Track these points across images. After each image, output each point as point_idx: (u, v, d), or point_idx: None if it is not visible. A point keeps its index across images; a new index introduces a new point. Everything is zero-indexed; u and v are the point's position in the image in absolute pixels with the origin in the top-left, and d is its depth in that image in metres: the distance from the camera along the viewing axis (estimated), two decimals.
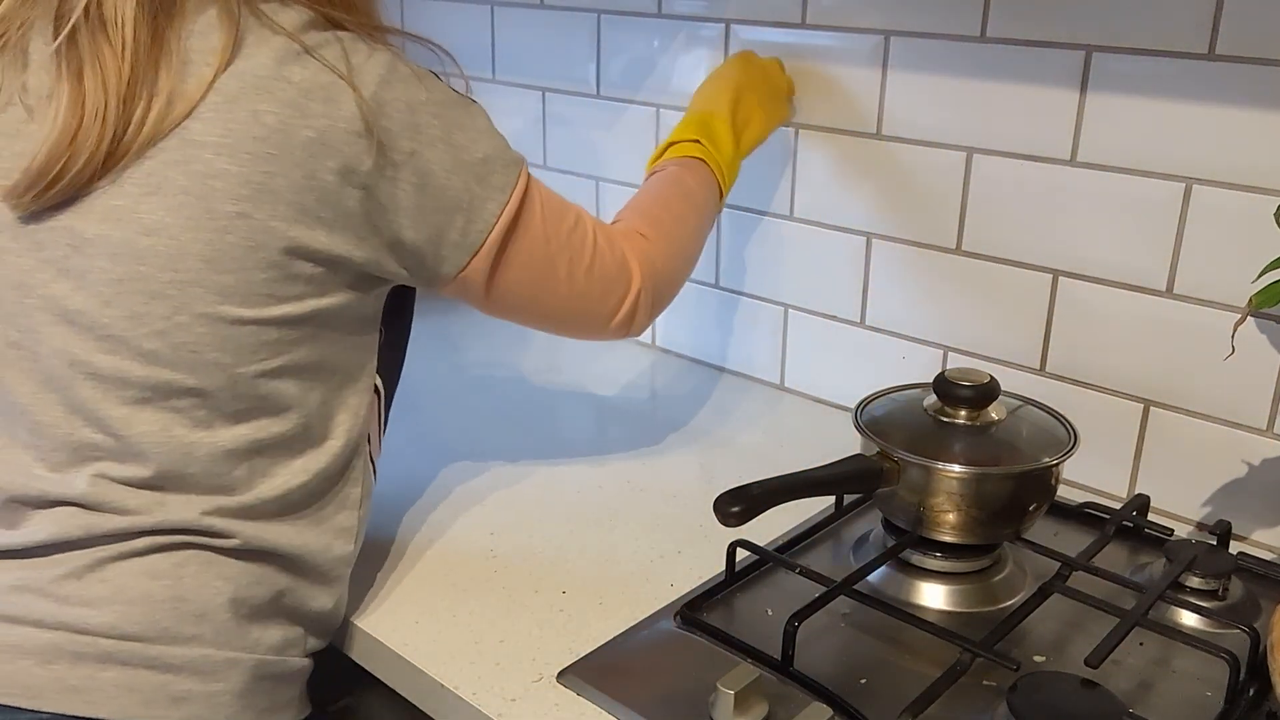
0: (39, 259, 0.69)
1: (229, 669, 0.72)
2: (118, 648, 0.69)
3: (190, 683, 0.71)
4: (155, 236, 0.67)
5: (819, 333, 1.24)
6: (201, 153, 0.67)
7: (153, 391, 0.70)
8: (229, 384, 0.71)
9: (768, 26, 1.18)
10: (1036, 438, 0.88)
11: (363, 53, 0.72)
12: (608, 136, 1.38)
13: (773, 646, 0.78)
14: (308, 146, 0.69)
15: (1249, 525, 0.97)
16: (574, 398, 1.26)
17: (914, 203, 1.12)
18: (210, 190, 0.67)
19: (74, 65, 0.67)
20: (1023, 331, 1.07)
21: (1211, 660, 0.75)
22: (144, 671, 0.70)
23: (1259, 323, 0.93)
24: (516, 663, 0.79)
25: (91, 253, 0.68)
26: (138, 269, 0.67)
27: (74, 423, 0.70)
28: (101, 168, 0.67)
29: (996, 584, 0.88)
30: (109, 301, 0.68)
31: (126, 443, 0.70)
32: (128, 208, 0.67)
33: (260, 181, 0.68)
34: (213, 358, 0.70)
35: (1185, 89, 0.92)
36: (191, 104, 0.67)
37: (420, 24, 1.56)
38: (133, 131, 0.67)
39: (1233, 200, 0.92)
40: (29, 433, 0.72)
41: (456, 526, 0.97)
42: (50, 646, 0.68)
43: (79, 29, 0.67)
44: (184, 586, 0.71)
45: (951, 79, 1.06)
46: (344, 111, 0.70)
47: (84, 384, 0.69)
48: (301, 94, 0.69)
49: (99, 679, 0.69)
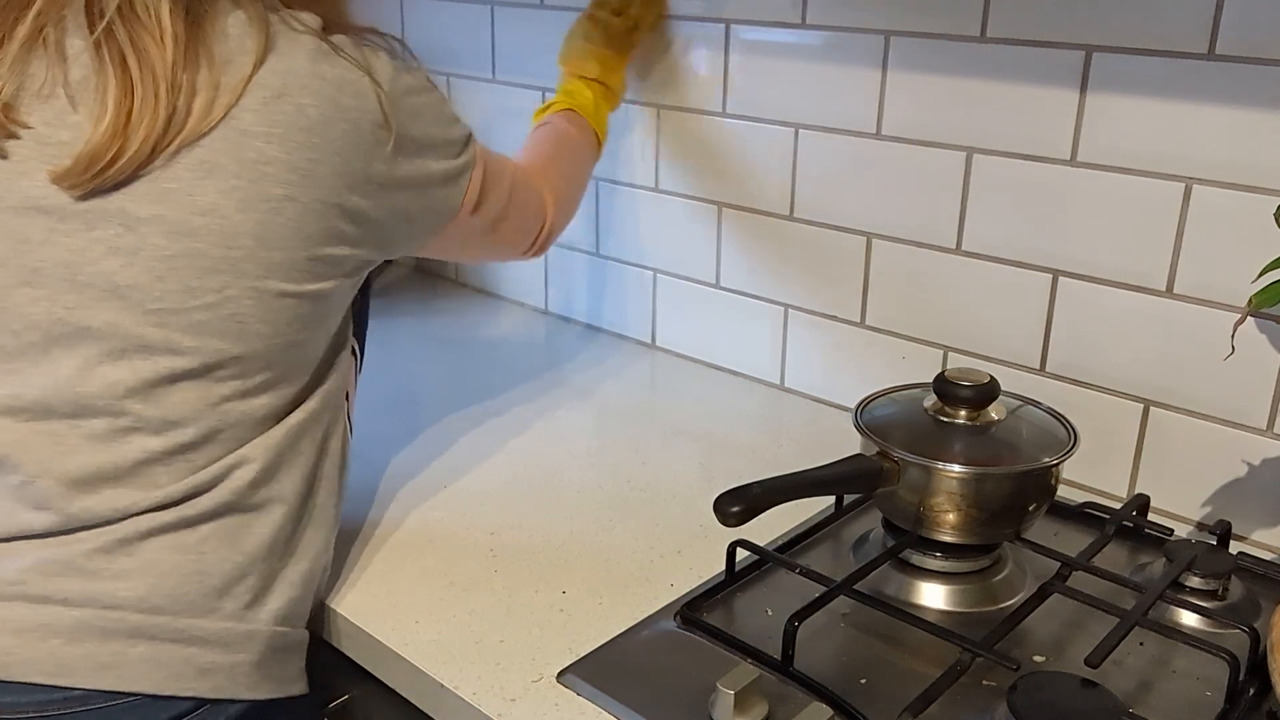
0: (89, 238, 0.72)
1: (248, 640, 0.76)
2: (146, 621, 0.72)
3: (215, 654, 0.74)
4: (209, 216, 0.72)
5: (819, 333, 1.24)
6: (253, 141, 0.72)
7: (199, 362, 0.73)
8: (265, 352, 0.76)
9: (768, 26, 1.18)
10: (1036, 438, 0.88)
11: (368, 51, 0.80)
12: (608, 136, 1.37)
13: (773, 646, 0.78)
14: (345, 136, 0.76)
15: (1249, 525, 0.97)
16: (574, 398, 1.26)
17: (914, 203, 1.12)
18: (262, 175, 0.73)
19: (116, 55, 0.71)
20: (1023, 331, 1.07)
21: (1211, 660, 0.75)
22: (171, 645, 0.72)
23: (1259, 323, 0.93)
24: (516, 663, 0.79)
25: (145, 231, 0.71)
26: (193, 245, 0.72)
27: (117, 393, 0.73)
28: (153, 152, 0.71)
29: (996, 584, 0.88)
30: (162, 276, 0.72)
31: (167, 414, 0.73)
32: (182, 190, 0.71)
33: (306, 168, 0.74)
34: (256, 329, 0.75)
35: (1185, 89, 0.92)
36: (236, 95, 0.72)
37: (420, 24, 1.56)
38: (180, 117, 0.71)
39: (1233, 200, 0.92)
40: (70, 404, 0.73)
41: (456, 526, 0.97)
42: (78, 624, 0.71)
43: (114, 23, 0.71)
44: (206, 561, 0.75)
45: (951, 79, 1.06)
46: (369, 104, 0.77)
47: (136, 356, 0.72)
48: (336, 89, 0.76)
49: (129, 654, 0.71)
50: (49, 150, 0.71)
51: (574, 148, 1.16)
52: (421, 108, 0.82)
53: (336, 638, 0.86)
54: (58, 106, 0.72)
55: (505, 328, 1.49)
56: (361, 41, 0.80)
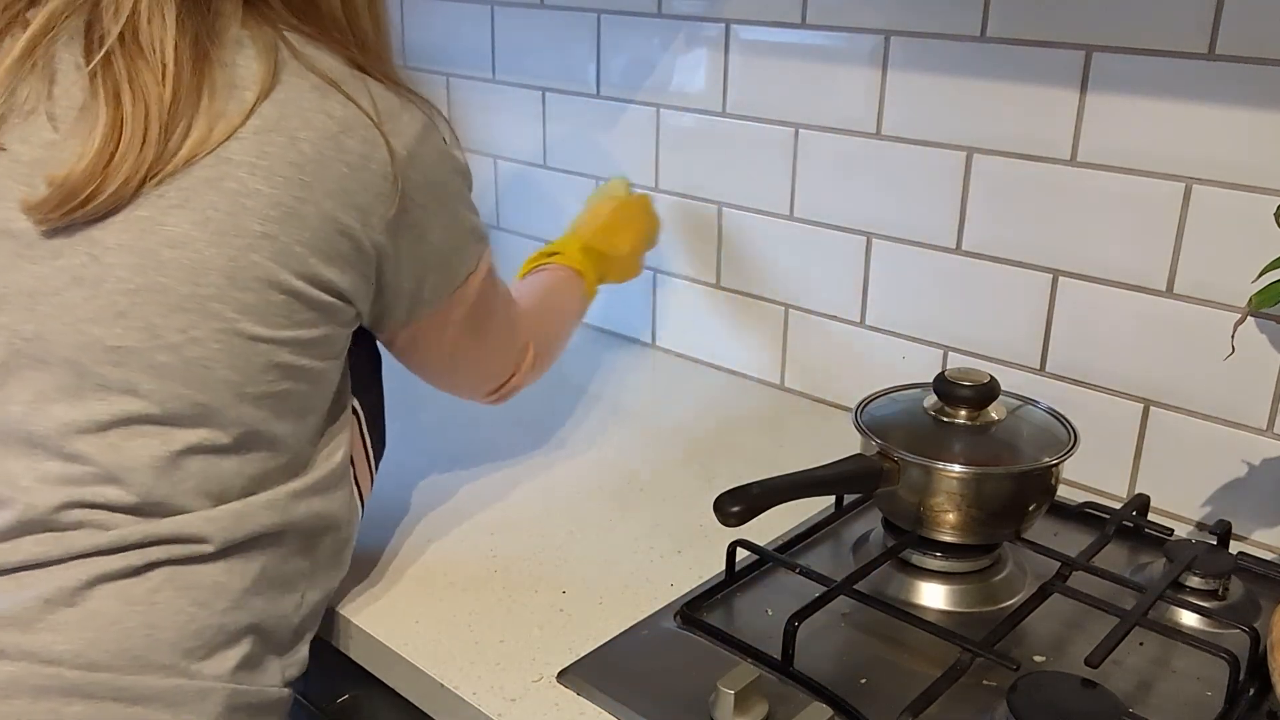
0: (54, 266, 0.67)
1: (201, 699, 0.69)
2: (83, 679, 0.66)
3: (161, 714, 0.68)
4: (179, 249, 0.67)
5: (819, 333, 1.24)
6: (236, 171, 0.68)
7: (160, 408, 0.68)
8: (235, 404, 0.70)
9: (768, 26, 1.18)
10: (1036, 438, 0.88)
11: (395, 104, 0.74)
12: (608, 136, 1.38)
13: (773, 646, 0.78)
14: (340, 180, 0.70)
15: (1249, 525, 0.97)
16: (574, 398, 1.26)
17: (914, 203, 1.12)
18: (241, 208, 0.68)
19: (110, 87, 0.67)
20: (1023, 331, 1.07)
21: (1211, 660, 0.75)
22: (112, 705, 0.66)
23: (1259, 323, 0.93)
24: (516, 663, 0.79)
25: (110, 261, 0.67)
26: (158, 280, 0.67)
27: (68, 433, 0.68)
28: (136, 193, 0.67)
29: (996, 584, 0.88)
30: (124, 312, 0.67)
31: (122, 460, 0.68)
32: (153, 219, 0.67)
33: (291, 206, 0.69)
34: (223, 375, 0.69)
35: (1185, 89, 0.92)
36: (232, 128, 0.68)
37: (420, 24, 1.56)
38: (169, 154, 0.67)
39: (1233, 200, 0.92)
40: (23, 443, 0.69)
41: (456, 526, 0.97)
42: (10, 680, 0.65)
43: (114, 53, 0.67)
44: (156, 612, 0.69)
45: (951, 79, 1.06)
46: (378, 155, 0.72)
47: (91, 396, 0.68)
48: (341, 129, 0.70)
49: (63, 714, 0.65)
50: (20, 169, 0.68)
51: (566, 308, 1.09)
52: (440, 181, 0.77)
53: (337, 638, 0.86)
54: (35, 124, 0.68)
55: None
56: (391, 91, 0.74)
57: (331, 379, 0.77)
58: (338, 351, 0.77)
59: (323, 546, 0.78)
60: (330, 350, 0.76)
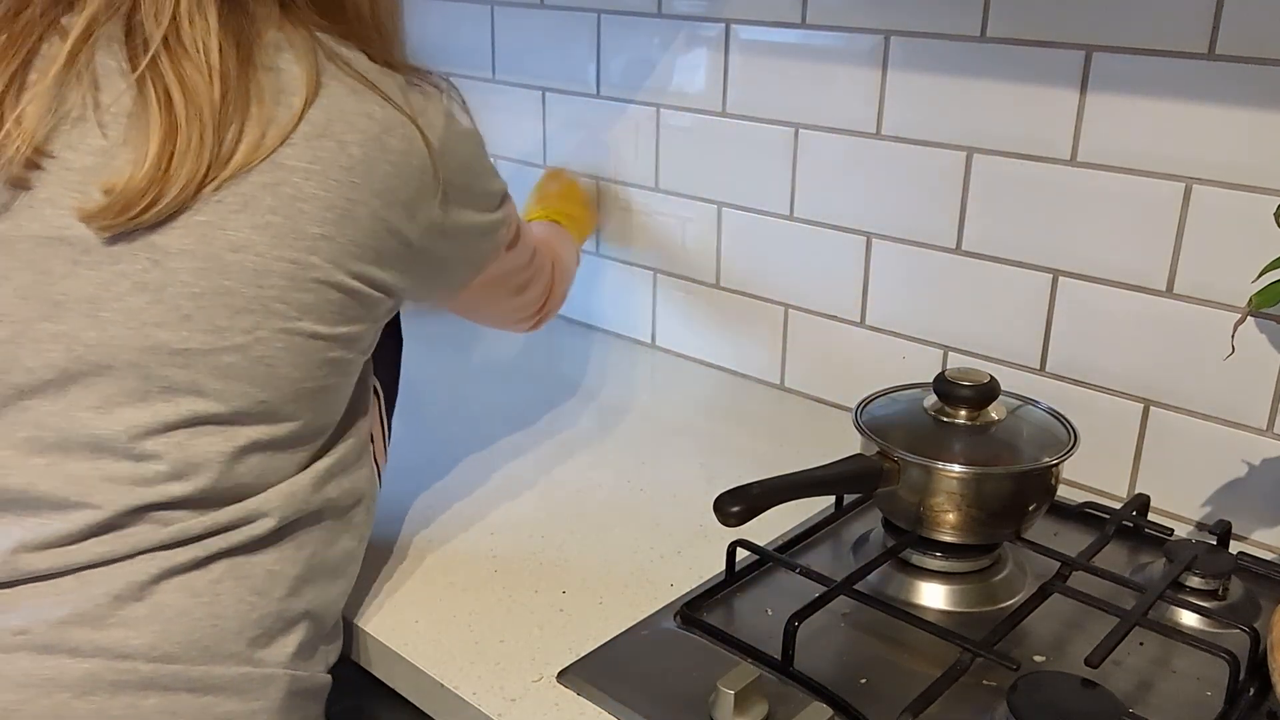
0: (114, 272, 0.68)
1: (267, 685, 0.72)
2: (159, 671, 0.68)
3: (232, 703, 0.70)
4: (242, 253, 0.68)
5: (819, 333, 1.24)
6: (291, 176, 0.69)
7: (226, 407, 0.70)
8: (293, 398, 0.73)
9: (768, 26, 1.18)
10: (1036, 438, 0.88)
11: (420, 95, 0.76)
12: (608, 136, 1.38)
13: (773, 646, 0.78)
14: (386, 180, 0.72)
15: (1249, 525, 0.97)
16: (574, 398, 1.26)
17: (914, 203, 1.12)
18: (298, 212, 0.69)
19: (161, 90, 0.67)
20: (1023, 331, 1.07)
21: (1211, 660, 0.75)
22: (185, 695, 0.69)
23: (1259, 323, 0.93)
24: (516, 663, 0.79)
25: (173, 266, 0.68)
26: (222, 283, 0.68)
27: (136, 435, 0.69)
28: (196, 194, 0.67)
29: (996, 584, 0.88)
30: (189, 315, 0.68)
31: (189, 458, 0.70)
32: (214, 224, 0.68)
33: (344, 208, 0.71)
34: (285, 373, 0.71)
35: (1185, 89, 0.92)
36: (285, 133, 0.69)
37: (420, 24, 1.56)
38: (224, 158, 0.68)
39: (1233, 200, 0.92)
40: (87, 445, 0.69)
41: (456, 526, 0.97)
42: (88, 676, 0.67)
43: (159, 56, 0.67)
44: (221, 604, 0.71)
45: (951, 79, 1.06)
46: (417, 148, 0.74)
47: (157, 398, 0.69)
48: (383, 129, 0.72)
49: (141, 708, 0.67)
50: (72, 176, 0.68)
51: (566, 246, 1.18)
52: (469, 158, 0.80)
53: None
54: (84, 130, 0.68)
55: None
56: (413, 83, 0.76)
57: (360, 366, 0.80)
58: (372, 343, 0.81)
59: (355, 522, 0.81)
60: (368, 343, 0.79)
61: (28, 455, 0.69)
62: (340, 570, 0.80)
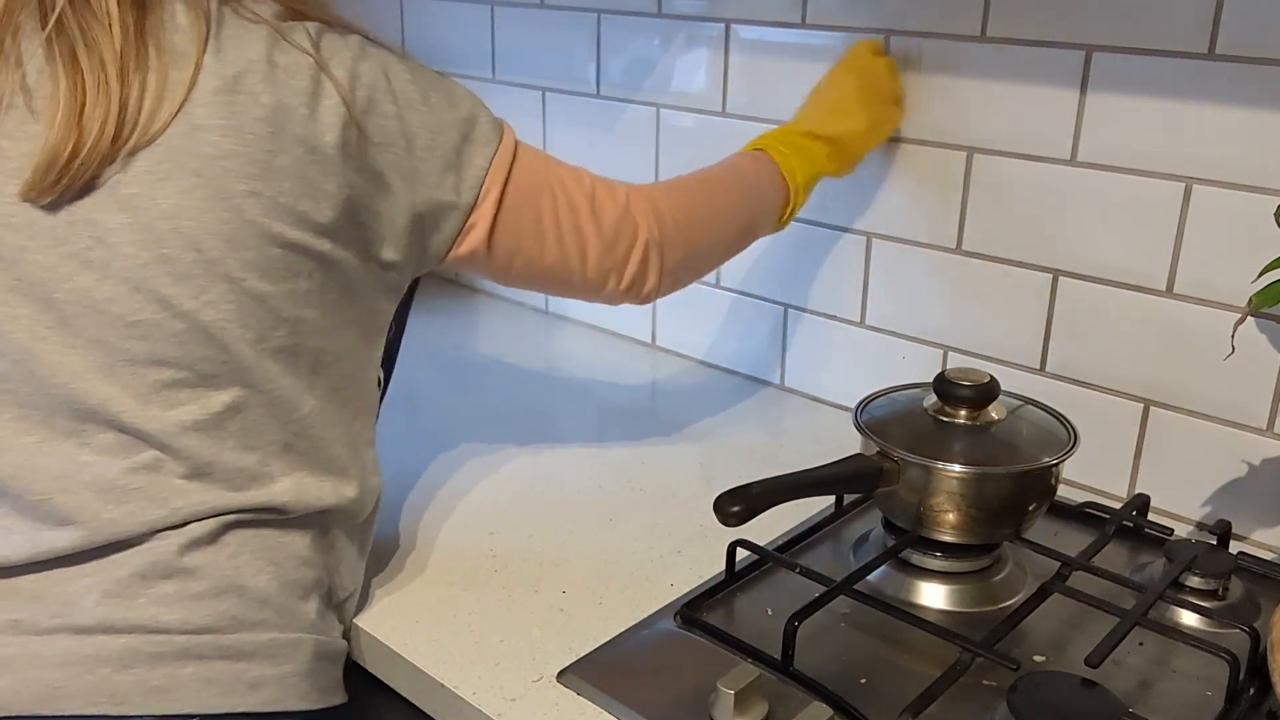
0: (60, 254, 0.70)
1: (294, 650, 0.74)
2: (193, 642, 0.71)
3: (263, 668, 0.73)
4: (175, 219, 0.69)
5: (819, 333, 1.24)
6: (208, 135, 0.70)
7: (191, 371, 0.71)
8: (256, 361, 0.73)
9: (768, 26, 1.18)
10: (1036, 437, 0.88)
11: (333, 37, 0.76)
12: (608, 136, 1.38)
13: (773, 646, 0.78)
14: (304, 124, 0.72)
15: (1249, 525, 0.97)
16: (574, 397, 1.26)
17: (914, 203, 1.12)
18: (221, 171, 0.70)
19: (66, 49, 0.69)
20: (1023, 331, 1.07)
21: (1211, 660, 0.75)
22: (219, 663, 0.71)
23: (1259, 323, 0.93)
24: (516, 663, 0.79)
25: (115, 241, 0.69)
26: (161, 252, 0.70)
27: (112, 409, 0.71)
28: (111, 148, 0.68)
29: (996, 584, 0.88)
30: (137, 287, 0.70)
31: (165, 427, 0.71)
32: (145, 194, 0.69)
33: (265, 160, 0.71)
34: (238, 333, 0.72)
35: (1185, 89, 0.92)
36: (186, 89, 0.70)
37: (420, 24, 1.56)
38: (134, 108, 0.69)
39: (1233, 200, 0.92)
40: (71, 419, 0.71)
41: (456, 526, 0.97)
42: (127, 651, 0.69)
43: (65, 15, 0.69)
44: (241, 575, 0.73)
45: (951, 79, 1.06)
46: (326, 88, 0.73)
47: (122, 370, 0.71)
48: (289, 75, 0.72)
49: (179, 676, 0.70)
50: (10, 164, 0.69)
51: (731, 184, 0.97)
52: (404, 86, 0.77)
53: None
54: (17, 117, 0.70)
55: (505, 328, 1.49)
56: (325, 30, 0.76)
57: (347, 338, 0.79)
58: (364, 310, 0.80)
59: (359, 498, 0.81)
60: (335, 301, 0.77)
61: (16, 438, 0.72)
62: (351, 534, 0.81)
